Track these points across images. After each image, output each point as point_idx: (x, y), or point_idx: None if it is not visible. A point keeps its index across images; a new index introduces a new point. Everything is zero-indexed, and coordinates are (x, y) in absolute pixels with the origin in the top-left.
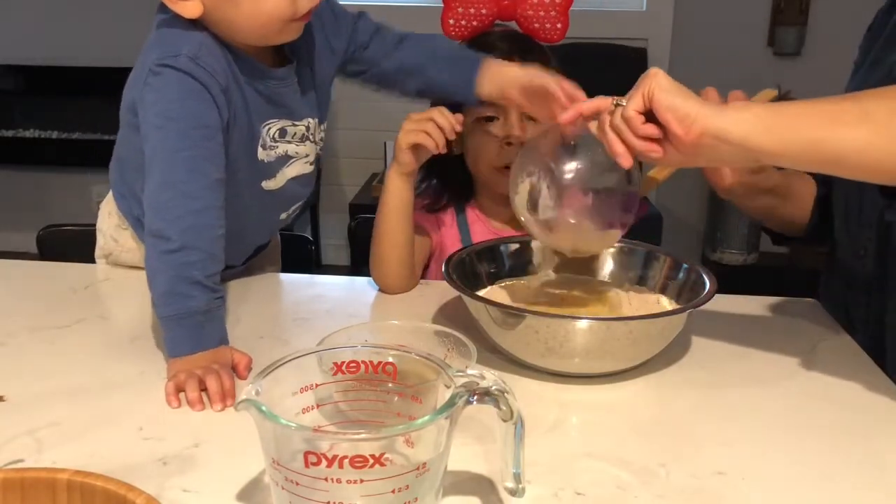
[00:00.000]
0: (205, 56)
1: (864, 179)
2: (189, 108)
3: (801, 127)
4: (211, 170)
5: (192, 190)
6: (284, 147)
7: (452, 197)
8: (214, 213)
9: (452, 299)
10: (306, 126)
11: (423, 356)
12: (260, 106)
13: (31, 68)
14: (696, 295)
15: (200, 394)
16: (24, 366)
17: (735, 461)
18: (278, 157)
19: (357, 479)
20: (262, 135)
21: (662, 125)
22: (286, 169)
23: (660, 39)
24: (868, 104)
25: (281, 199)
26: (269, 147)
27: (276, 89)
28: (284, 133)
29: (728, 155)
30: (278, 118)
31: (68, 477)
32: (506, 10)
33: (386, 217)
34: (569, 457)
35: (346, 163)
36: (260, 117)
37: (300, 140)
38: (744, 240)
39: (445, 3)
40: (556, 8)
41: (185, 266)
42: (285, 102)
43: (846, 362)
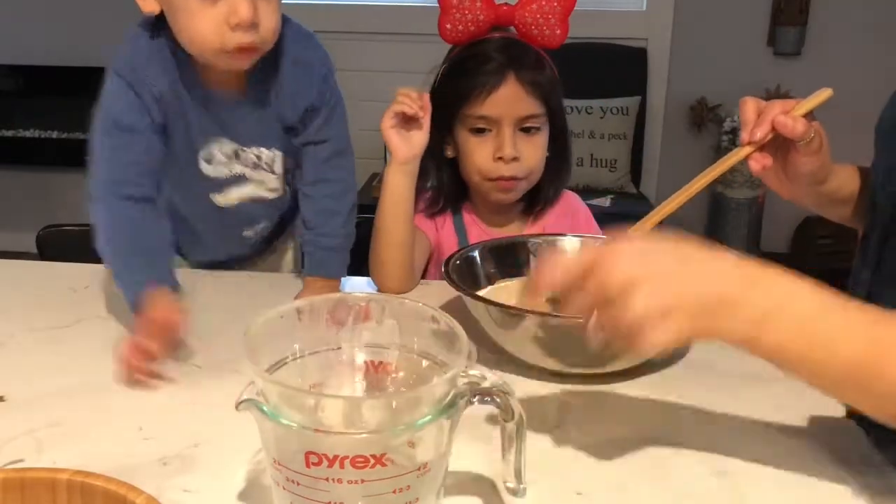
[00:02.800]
0: (142, 62)
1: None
2: (114, 108)
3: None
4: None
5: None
6: (241, 168)
7: (448, 200)
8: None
9: (452, 299)
10: (256, 155)
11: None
12: (203, 121)
13: (31, 68)
14: None
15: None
16: (24, 366)
17: (735, 461)
18: (230, 176)
19: (358, 479)
20: (207, 149)
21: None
22: (238, 189)
23: (660, 39)
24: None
25: (238, 216)
26: (216, 163)
27: (221, 111)
28: (238, 156)
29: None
30: (228, 138)
31: (68, 477)
32: (504, 15)
33: (384, 214)
34: (569, 457)
35: None
36: (203, 131)
37: (253, 167)
38: (744, 240)
39: (443, 9)
40: (555, 14)
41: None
42: (232, 125)
43: None
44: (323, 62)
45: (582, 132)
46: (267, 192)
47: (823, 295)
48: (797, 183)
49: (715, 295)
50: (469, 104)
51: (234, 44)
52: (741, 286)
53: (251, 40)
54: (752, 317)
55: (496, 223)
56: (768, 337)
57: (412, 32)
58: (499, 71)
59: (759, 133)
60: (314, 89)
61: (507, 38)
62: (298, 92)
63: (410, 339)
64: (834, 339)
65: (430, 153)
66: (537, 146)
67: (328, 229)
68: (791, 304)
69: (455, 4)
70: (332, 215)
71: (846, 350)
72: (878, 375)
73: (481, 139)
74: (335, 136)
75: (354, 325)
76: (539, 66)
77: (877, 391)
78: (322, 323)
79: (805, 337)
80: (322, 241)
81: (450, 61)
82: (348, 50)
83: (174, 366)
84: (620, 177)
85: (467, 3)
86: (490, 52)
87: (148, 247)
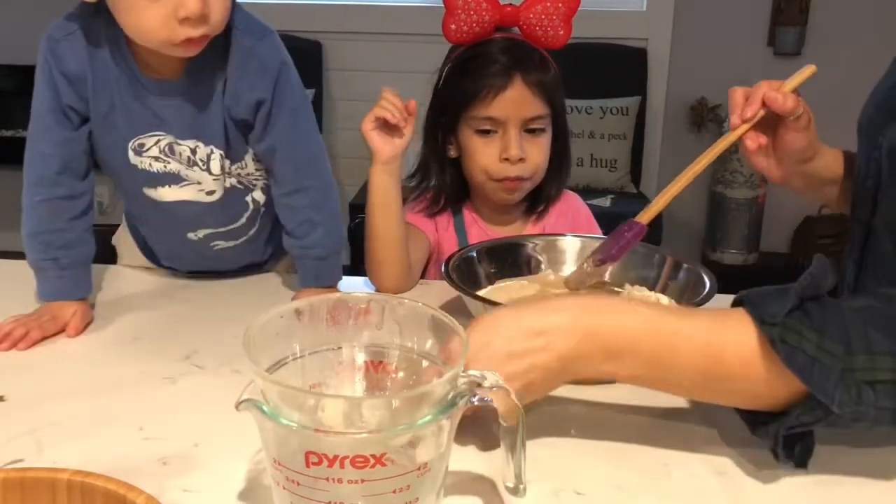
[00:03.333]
0: (63, 41)
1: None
2: (37, 84)
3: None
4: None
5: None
6: (175, 166)
7: (449, 200)
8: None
9: (452, 299)
10: (191, 149)
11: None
12: (131, 109)
13: (31, 68)
14: (696, 295)
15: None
16: (24, 366)
17: (735, 461)
18: (165, 172)
19: (358, 479)
20: (136, 140)
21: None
22: (174, 188)
23: (660, 39)
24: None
25: (178, 216)
26: (145, 155)
27: (151, 98)
28: (172, 150)
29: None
30: (160, 131)
31: (68, 477)
32: (508, 16)
33: (374, 215)
34: (569, 457)
35: (346, 163)
36: (130, 121)
37: (188, 164)
38: (744, 240)
39: (448, 9)
40: (559, 15)
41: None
42: (163, 115)
43: None
44: (278, 59)
45: (582, 132)
46: (206, 196)
47: (651, 317)
48: (787, 162)
49: (556, 360)
50: (475, 105)
51: (182, 37)
52: (576, 341)
53: (201, 33)
54: (598, 363)
55: (497, 223)
56: (622, 373)
57: (413, 32)
58: (505, 72)
59: (751, 111)
60: (266, 84)
61: (511, 39)
62: (248, 84)
63: (410, 339)
64: (671, 354)
65: (433, 153)
66: (542, 146)
67: (314, 240)
68: (624, 336)
69: (460, 5)
70: (315, 225)
71: (687, 359)
72: (724, 376)
73: (487, 140)
74: (303, 141)
75: (356, 324)
76: (544, 68)
77: (728, 388)
78: (322, 323)
79: (648, 361)
80: (312, 252)
81: (454, 62)
82: (349, 50)
83: (174, 366)
84: (620, 177)
85: (472, 4)
86: (495, 53)
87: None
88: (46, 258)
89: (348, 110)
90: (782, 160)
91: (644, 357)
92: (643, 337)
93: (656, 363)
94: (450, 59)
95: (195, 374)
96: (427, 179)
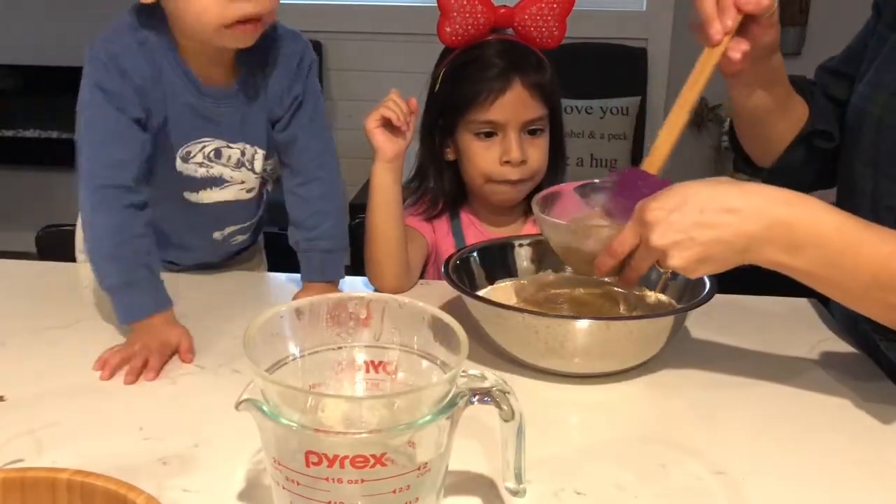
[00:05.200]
0: (122, 52)
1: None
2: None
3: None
4: (113, 151)
5: (94, 168)
6: (219, 169)
7: (447, 202)
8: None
9: (452, 299)
10: (241, 151)
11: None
12: (185, 118)
13: (31, 68)
14: (696, 295)
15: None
16: (24, 366)
17: (735, 461)
18: (207, 177)
19: (358, 479)
20: (186, 147)
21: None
22: (216, 191)
23: (660, 39)
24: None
25: (209, 216)
26: (192, 162)
27: (208, 105)
28: (220, 154)
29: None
30: (211, 136)
31: (68, 477)
32: (503, 17)
33: (375, 214)
34: (569, 457)
35: (345, 163)
36: (182, 129)
37: (236, 166)
38: None
39: (442, 11)
40: (553, 15)
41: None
42: (218, 121)
43: (845, 362)
44: (311, 57)
45: (582, 132)
46: (245, 194)
47: (841, 216)
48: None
49: (742, 238)
50: (473, 109)
51: (235, 16)
52: (765, 225)
53: (252, 11)
54: (780, 246)
55: (495, 224)
56: (796, 263)
57: (413, 32)
58: (503, 76)
59: (730, 20)
60: (301, 80)
61: (506, 41)
62: (289, 84)
63: (410, 339)
64: (855, 255)
65: (431, 156)
66: (541, 147)
67: (323, 231)
68: (814, 230)
69: (454, 7)
70: (325, 216)
71: (868, 265)
72: (893, 288)
73: (487, 144)
74: (321, 132)
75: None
76: (541, 69)
77: (893, 302)
78: (322, 323)
79: (829, 258)
80: (320, 245)
81: (450, 66)
82: (348, 50)
83: (174, 366)
84: None
85: (467, 7)
86: (492, 56)
87: (146, 263)
88: (139, 266)
89: (348, 110)
90: (755, 60)
91: (826, 253)
92: (832, 234)
93: (835, 262)
94: (445, 62)
95: (195, 374)
96: (425, 183)
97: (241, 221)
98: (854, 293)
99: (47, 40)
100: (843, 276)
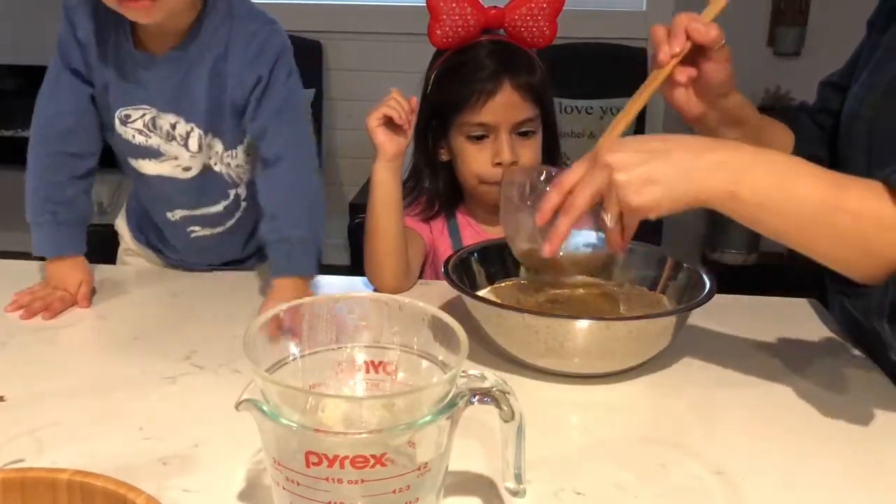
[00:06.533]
0: (76, 5)
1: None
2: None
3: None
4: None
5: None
6: (156, 140)
7: (443, 203)
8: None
9: (452, 299)
10: (172, 124)
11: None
12: (121, 79)
13: (31, 68)
14: (697, 295)
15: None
16: (24, 366)
17: (735, 461)
18: (145, 146)
19: (358, 479)
20: (124, 110)
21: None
22: (154, 162)
23: None
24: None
25: (158, 192)
26: (131, 126)
27: (136, 71)
28: (156, 125)
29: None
30: (145, 104)
31: (68, 477)
32: (493, 18)
33: (376, 213)
34: (569, 457)
35: (345, 163)
36: (120, 90)
37: (167, 138)
38: (744, 240)
39: (432, 14)
40: (544, 15)
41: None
42: (146, 86)
43: (845, 362)
44: (280, 42)
45: (582, 132)
46: (183, 172)
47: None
48: (706, 96)
49: (690, 168)
50: (465, 112)
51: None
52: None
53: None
54: (729, 175)
55: (491, 224)
56: (745, 189)
57: (413, 32)
58: (493, 78)
59: (678, 44)
60: (264, 63)
61: (497, 42)
62: (248, 65)
63: (410, 339)
64: (804, 183)
65: (425, 159)
66: (533, 148)
67: (292, 220)
68: (764, 161)
69: (444, 10)
70: (294, 204)
71: (814, 190)
72: (842, 209)
73: (479, 146)
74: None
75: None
76: (531, 69)
77: (841, 225)
78: (322, 323)
79: (778, 184)
80: (288, 234)
81: (441, 68)
82: (348, 50)
83: (174, 366)
84: None
85: (456, 8)
86: (482, 58)
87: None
88: (45, 212)
89: (348, 110)
90: (702, 94)
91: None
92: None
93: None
94: (436, 64)
95: (195, 374)
96: (420, 183)
97: (188, 206)
98: (807, 224)
99: (47, 40)
100: (794, 200)
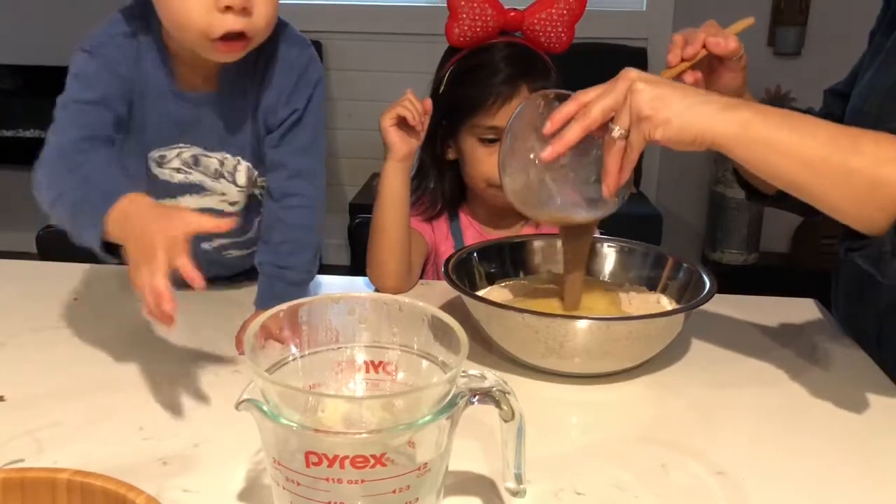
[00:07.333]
0: (107, 42)
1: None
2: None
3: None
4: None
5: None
6: (198, 177)
7: (446, 203)
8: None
9: (452, 299)
10: (220, 161)
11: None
12: (163, 121)
13: (31, 68)
14: (697, 295)
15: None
16: (24, 366)
17: (735, 461)
18: (186, 183)
19: (358, 479)
20: (159, 151)
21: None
22: (195, 198)
23: (660, 39)
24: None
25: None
26: (167, 167)
27: (185, 111)
28: (198, 162)
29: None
30: (187, 143)
31: (68, 477)
32: (512, 21)
33: (383, 213)
34: (569, 457)
35: (346, 163)
36: (159, 131)
37: (214, 176)
38: (744, 240)
39: (451, 12)
40: (563, 21)
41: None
42: (195, 126)
43: (845, 362)
44: (317, 74)
45: None
46: (228, 206)
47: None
48: None
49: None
50: (479, 114)
51: (221, 29)
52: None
53: (241, 27)
54: (739, 116)
55: (494, 225)
56: (755, 127)
57: (413, 32)
58: (510, 81)
59: (692, 50)
60: (302, 95)
61: (514, 45)
62: (286, 96)
63: (410, 339)
64: (813, 126)
65: (431, 158)
66: None
67: (297, 262)
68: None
69: (464, 8)
70: (303, 248)
71: (827, 131)
72: (856, 151)
73: (490, 149)
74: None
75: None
76: (546, 75)
77: (851, 165)
78: (322, 323)
79: (787, 125)
80: (288, 275)
81: (456, 68)
82: (348, 50)
83: (174, 366)
84: None
85: (477, 9)
86: (499, 61)
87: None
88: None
89: (348, 110)
90: None
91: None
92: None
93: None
94: (450, 63)
95: (195, 374)
96: (424, 183)
97: (230, 236)
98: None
99: (47, 40)
100: (805, 134)
